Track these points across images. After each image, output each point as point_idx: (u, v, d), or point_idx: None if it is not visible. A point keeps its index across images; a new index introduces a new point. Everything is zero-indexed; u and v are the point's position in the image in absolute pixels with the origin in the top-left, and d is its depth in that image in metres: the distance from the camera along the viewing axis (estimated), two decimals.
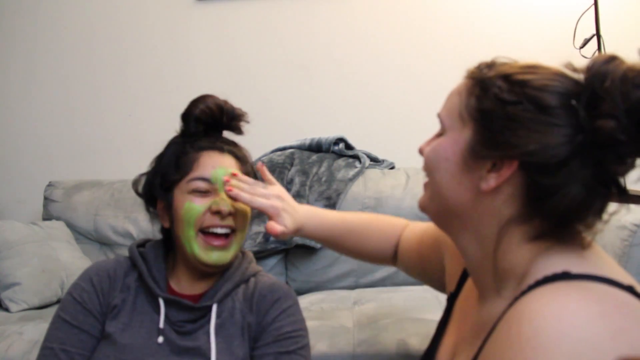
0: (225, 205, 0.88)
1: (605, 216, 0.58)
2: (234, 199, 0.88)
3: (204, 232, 0.88)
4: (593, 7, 2.01)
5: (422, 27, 2.29)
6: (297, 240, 1.77)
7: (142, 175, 0.98)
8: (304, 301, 1.58)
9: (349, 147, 2.07)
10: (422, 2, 2.29)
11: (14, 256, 1.65)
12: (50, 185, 2.10)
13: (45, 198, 2.06)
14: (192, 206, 0.87)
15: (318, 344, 1.16)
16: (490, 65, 0.62)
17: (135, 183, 0.98)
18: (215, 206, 0.88)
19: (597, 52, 1.99)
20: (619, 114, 0.51)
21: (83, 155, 2.40)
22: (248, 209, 0.92)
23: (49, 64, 2.43)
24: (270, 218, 0.90)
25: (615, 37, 2.09)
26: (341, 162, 1.96)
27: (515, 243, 0.59)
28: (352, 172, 1.90)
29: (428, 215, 0.71)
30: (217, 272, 0.94)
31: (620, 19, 2.15)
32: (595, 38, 2.00)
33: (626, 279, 0.54)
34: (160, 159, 0.95)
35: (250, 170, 0.97)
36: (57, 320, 0.89)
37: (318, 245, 1.78)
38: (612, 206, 0.58)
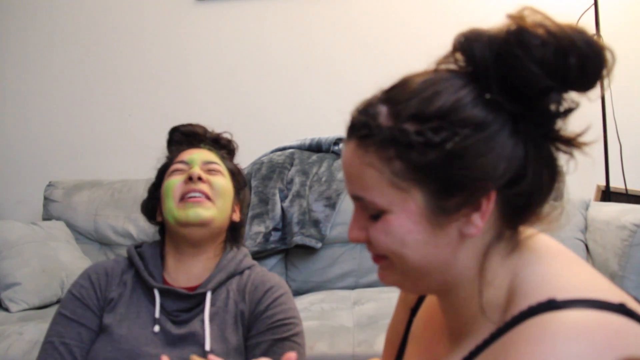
0: (196, 171, 0.94)
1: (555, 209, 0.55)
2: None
3: (182, 200, 0.94)
4: (593, 7, 2.01)
5: (420, 26, 2.29)
6: (297, 240, 1.77)
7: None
8: (304, 301, 1.58)
9: None
10: (422, 2, 2.29)
11: (14, 256, 1.65)
12: (50, 185, 2.10)
13: (45, 198, 2.06)
14: (170, 181, 0.96)
15: (318, 344, 1.16)
16: (372, 115, 0.54)
17: (142, 206, 1.05)
18: (188, 174, 0.95)
19: None
20: (524, 58, 0.51)
21: (83, 155, 2.40)
22: (226, 185, 0.98)
23: (49, 64, 2.43)
24: None
25: (615, 37, 2.09)
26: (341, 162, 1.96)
27: (494, 268, 0.55)
28: None
29: (406, 291, 0.68)
30: (205, 252, 0.96)
31: (620, 19, 2.15)
32: None
33: (615, 294, 0.50)
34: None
35: (233, 167, 1.03)
36: (57, 316, 0.93)
37: (318, 245, 1.78)
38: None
